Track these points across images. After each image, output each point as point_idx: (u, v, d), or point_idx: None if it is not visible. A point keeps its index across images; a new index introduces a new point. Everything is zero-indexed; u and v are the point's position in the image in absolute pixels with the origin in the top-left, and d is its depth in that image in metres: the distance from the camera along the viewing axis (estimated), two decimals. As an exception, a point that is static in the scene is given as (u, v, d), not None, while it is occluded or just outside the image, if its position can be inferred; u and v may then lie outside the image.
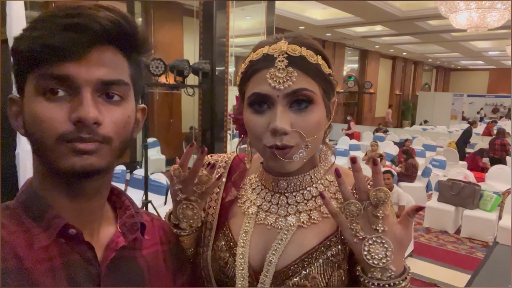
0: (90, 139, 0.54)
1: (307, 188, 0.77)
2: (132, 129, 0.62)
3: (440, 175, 6.76)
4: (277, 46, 0.69)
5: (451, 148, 8.86)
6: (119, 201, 0.72)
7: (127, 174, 5.49)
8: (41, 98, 0.54)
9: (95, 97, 0.55)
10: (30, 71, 0.55)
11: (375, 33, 12.14)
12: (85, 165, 0.54)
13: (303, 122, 0.67)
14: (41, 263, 0.55)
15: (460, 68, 23.14)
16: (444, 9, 6.82)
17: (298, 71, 0.67)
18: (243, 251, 0.74)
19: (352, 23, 10.28)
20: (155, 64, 3.72)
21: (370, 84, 10.74)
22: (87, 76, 0.54)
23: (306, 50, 0.69)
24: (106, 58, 0.56)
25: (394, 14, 8.94)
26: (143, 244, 0.70)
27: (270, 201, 0.78)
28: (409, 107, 18.99)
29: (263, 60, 0.69)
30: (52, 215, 0.58)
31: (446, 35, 11.83)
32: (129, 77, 0.60)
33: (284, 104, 0.67)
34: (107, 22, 0.54)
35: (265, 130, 0.68)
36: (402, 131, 13.40)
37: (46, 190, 0.60)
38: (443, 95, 19.36)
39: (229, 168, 0.87)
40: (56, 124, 0.53)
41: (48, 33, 0.52)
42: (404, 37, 12.50)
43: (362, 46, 14.74)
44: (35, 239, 0.56)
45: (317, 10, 9.53)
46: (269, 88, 0.67)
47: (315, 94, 0.68)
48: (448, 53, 16.41)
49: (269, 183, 0.79)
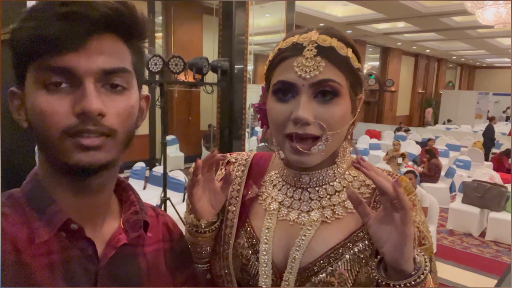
0: (96, 131, 0.52)
1: (330, 182, 0.75)
2: (137, 118, 0.61)
3: (465, 175, 6.57)
4: (308, 35, 0.68)
5: (476, 148, 8.60)
6: (125, 195, 0.70)
7: (147, 171, 5.55)
8: (42, 91, 0.52)
9: (98, 87, 0.53)
10: (29, 63, 0.53)
11: (397, 29, 11.89)
12: (91, 161, 0.53)
13: (326, 114, 0.66)
14: (40, 257, 0.55)
15: (486, 65, 22.43)
16: (470, 4, 6.62)
17: (326, 62, 0.66)
18: (266, 247, 0.73)
19: (373, 19, 10.09)
20: (175, 61, 3.72)
21: (392, 82, 10.49)
22: (88, 66, 0.52)
23: (337, 41, 0.68)
24: (106, 46, 0.53)
25: (417, 10, 8.72)
26: (146, 241, 0.69)
27: (292, 196, 0.76)
28: (432, 106, 18.57)
29: (292, 48, 0.68)
30: (55, 210, 0.57)
31: (472, 32, 11.48)
32: (131, 65, 0.58)
33: (309, 94, 0.66)
34: (106, 9, 0.52)
35: (287, 118, 0.67)
36: (425, 130, 13.10)
37: (50, 183, 0.59)
38: (467, 93, 18.84)
39: (249, 165, 0.86)
40: (59, 118, 0.52)
41: (44, 23, 0.50)
42: (428, 33, 12.21)
43: (384, 43, 14.47)
44: (36, 233, 0.55)
45: (338, 7, 9.40)
46: (295, 76, 0.66)
47: (341, 86, 0.67)
48: (473, 50, 15.92)
49: (290, 178, 0.78)
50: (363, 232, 0.71)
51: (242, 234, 0.78)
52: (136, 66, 0.59)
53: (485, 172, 5.88)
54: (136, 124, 0.61)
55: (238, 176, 0.84)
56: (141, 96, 0.63)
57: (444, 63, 19.78)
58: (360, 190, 0.75)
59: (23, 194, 0.59)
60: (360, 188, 0.76)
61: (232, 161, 0.87)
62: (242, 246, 0.76)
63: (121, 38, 0.56)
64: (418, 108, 18.22)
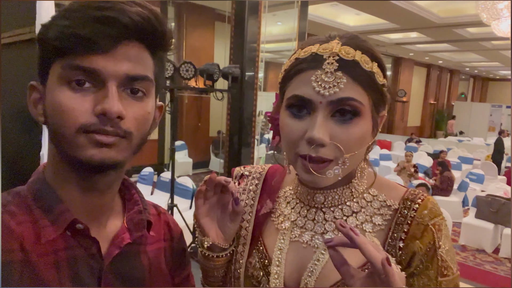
0: (112, 132, 0.54)
1: (346, 203, 0.69)
2: (150, 126, 0.62)
3: (478, 189, 6.43)
4: (329, 46, 0.61)
5: (489, 161, 8.43)
6: (128, 194, 0.71)
7: (155, 176, 5.53)
8: (65, 88, 0.54)
9: (119, 91, 0.55)
10: (56, 60, 0.54)
11: (410, 40, 11.79)
12: (104, 157, 0.54)
13: (344, 135, 0.60)
14: (45, 255, 0.56)
15: (499, 78, 22.14)
16: (485, 16, 6.51)
17: (348, 78, 0.59)
18: (278, 270, 0.68)
19: (386, 29, 10.02)
20: (186, 67, 3.71)
21: (404, 92, 10.42)
22: (113, 70, 0.54)
23: (361, 54, 0.61)
24: (132, 53, 0.56)
25: (431, 20, 8.63)
26: (148, 240, 0.70)
27: (306, 216, 0.71)
28: (443, 117, 18.34)
29: (311, 60, 0.61)
30: (61, 209, 0.58)
31: (486, 43, 11.33)
32: (153, 74, 0.60)
33: (326, 113, 0.60)
34: (138, 17, 0.54)
35: (300, 137, 0.61)
36: (436, 142, 12.92)
37: (58, 181, 0.60)
38: (480, 105, 18.56)
39: (263, 179, 0.81)
40: (78, 115, 0.53)
41: (79, 24, 0.52)
42: (441, 44, 12.08)
43: (396, 53, 14.36)
44: (42, 232, 0.56)
45: (350, 16, 9.36)
46: (312, 92, 0.60)
47: (363, 105, 0.60)
48: (487, 62, 15.72)
49: (304, 196, 0.72)
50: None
51: (255, 254, 0.73)
52: (157, 76, 0.61)
53: (499, 186, 5.74)
54: (149, 131, 0.62)
55: (252, 190, 0.80)
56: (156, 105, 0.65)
57: (457, 74, 19.57)
58: (380, 211, 0.69)
59: (30, 193, 0.60)
60: (380, 209, 0.69)
61: (246, 175, 0.83)
62: (254, 267, 0.72)
63: (147, 47, 0.58)
64: (429, 119, 18.01)
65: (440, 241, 0.64)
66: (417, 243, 0.64)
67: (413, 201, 0.66)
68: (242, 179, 0.83)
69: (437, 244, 0.64)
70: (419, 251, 0.64)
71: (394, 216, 0.67)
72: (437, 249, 0.64)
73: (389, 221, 0.68)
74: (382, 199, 0.70)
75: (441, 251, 0.64)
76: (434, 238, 0.64)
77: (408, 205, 0.66)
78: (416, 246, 0.64)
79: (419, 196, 0.67)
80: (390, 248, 0.66)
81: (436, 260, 0.64)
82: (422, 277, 0.64)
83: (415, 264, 0.64)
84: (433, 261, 0.64)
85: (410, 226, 0.65)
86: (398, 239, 0.65)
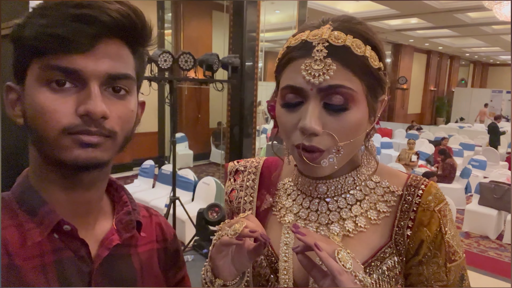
0: (97, 132, 0.53)
1: (350, 191, 0.69)
2: (134, 123, 0.61)
3: (480, 176, 6.41)
4: (319, 32, 0.60)
5: (491, 147, 8.40)
6: (117, 196, 0.70)
7: (156, 169, 5.51)
8: (45, 89, 0.52)
9: (101, 90, 0.54)
10: (33, 60, 0.53)
11: (410, 26, 11.67)
12: (88, 157, 0.53)
13: (336, 123, 0.59)
14: (33, 258, 0.55)
15: (499, 63, 22.01)
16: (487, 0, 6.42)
17: (338, 64, 0.57)
18: (286, 265, 0.67)
19: (386, 15, 9.91)
20: (185, 58, 3.64)
21: (405, 79, 10.34)
22: (94, 69, 0.53)
23: (353, 38, 0.59)
24: (113, 51, 0.55)
25: (431, 5, 8.52)
26: (139, 241, 0.69)
27: (309, 207, 0.70)
28: (444, 104, 18.28)
29: (301, 48, 0.60)
30: (47, 210, 0.57)
31: (487, 28, 11.22)
32: (134, 70, 0.59)
33: (317, 101, 0.59)
34: (117, 15, 0.53)
35: (294, 127, 0.60)
36: (437, 129, 12.89)
37: (42, 182, 0.59)
38: (480, 91, 18.49)
39: (259, 173, 0.78)
40: (61, 116, 0.52)
41: (57, 22, 0.50)
42: (441, 30, 11.96)
43: (396, 40, 14.25)
44: (28, 234, 0.56)
45: (350, 2, 9.25)
46: (302, 81, 0.59)
47: (354, 92, 0.58)
48: (487, 47, 15.60)
49: (306, 187, 0.71)
50: (391, 247, 0.65)
51: None
52: (138, 72, 0.60)
53: (502, 172, 5.73)
54: (133, 129, 0.61)
55: (250, 186, 0.77)
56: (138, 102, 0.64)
57: (457, 60, 19.45)
58: (384, 198, 0.68)
59: (14, 197, 0.59)
60: (384, 196, 0.68)
61: (241, 170, 0.79)
62: (260, 265, 0.71)
63: (127, 44, 0.57)
64: (430, 106, 17.95)
65: (446, 227, 0.65)
66: (425, 231, 0.64)
67: (416, 187, 0.66)
68: (237, 174, 0.80)
69: (443, 230, 0.64)
70: (427, 239, 0.64)
71: (399, 203, 0.67)
72: (443, 235, 0.64)
73: (394, 208, 0.67)
74: (385, 185, 0.69)
75: (448, 237, 0.65)
76: (440, 225, 0.64)
77: (412, 192, 0.66)
78: (424, 234, 0.64)
79: (422, 181, 0.67)
80: (398, 237, 0.65)
81: (444, 246, 0.64)
82: (431, 265, 0.64)
83: (423, 252, 0.64)
84: (441, 248, 0.64)
85: (417, 213, 0.64)
86: (406, 227, 0.65)
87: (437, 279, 0.64)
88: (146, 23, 0.57)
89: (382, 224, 0.66)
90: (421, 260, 0.64)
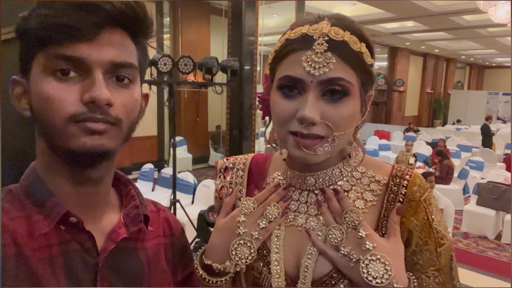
0: (102, 120, 0.54)
1: (337, 182, 0.71)
2: (138, 114, 0.62)
3: (478, 177, 6.45)
4: (319, 26, 0.62)
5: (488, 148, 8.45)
6: (125, 190, 0.71)
7: (155, 172, 5.52)
8: (50, 78, 0.53)
9: (105, 78, 0.55)
10: (39, 51, 0.54)
11: (407, 29, 11.74)
12: (96, 144, 0.54)
13: (334, 114, 0.62)
14: (40, 250, 0.55)
15: (495, 65, 22.14)
16: (482, 2, 6.48)
17: (337, 58, 0.60)
18: (277, 257, 0.69)
19: (382, 19, 9.98)
20: (184, 61, 3.67)
21: (402, 82, 10.37)
22: (98, 58, 0.54)
23: (350, 35, 0.62)
24: (116, 40, 0.55)
25: (427, 9, 8.59)
26: (146, 235, 0.69)
27: (298, 199, 0.72)
28: (440, 106, 18.35)
29: (301, 41, 0.62)
30: (54, 203, 0.57)
31: (482, 31, 11.31)
32: (137, 60, 0.60)
33: (316, 92, 0.61)
34: (120, 4, 0.54)
35: (292, 116, 0.62)
36: (434, 131, 12.94)
37: (49, 175, 0.59)
38: (477, 93, 18.60)
39: (248, 169, 0.81)
40: (67, 105, 0.53)
41: (61, 12, 0.51)
42: (437, 33, 12.04)
43: (392, 43, 14.33)
44: (35, 226, 0.56)
45: (346, 6, 9.31)
46: (303, 72, 0.61)
47: (352, 85, 0.62)
48: (483, 50, 15.69)
49: (295, 180, 0.73)
50: (381, 233, 0.67)
51: None
52: (140, 62, 0.61)
53: (499, 173, 5.76)
54: (137, 119, 0.62)
55: (239, 182, 0.79)
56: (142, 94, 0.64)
57: (453, 63, 19.55)
58: (370, 187, 0.70)
59: (22, 189, 0.60)
60: (370, 185, 0.71)
61: (230, 167, 0.82)
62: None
63: (129, 34, 0.58)
64: (427, 108, 18.02)
65: (432, 215, 0.68)
66: (413, 221, 0.66)
67: (401, 177, 0.69)
68: (226, 172, 0.82)
69: (430, 219, 0.67)
70: (416, 228, 0.66)
71: (385, 193, 0.69)
72: (431, 223, 0.67)
73: (380, 197, 0.69)
74: (370, 175, 0.72)
75: (435, 224, 0.68)
76: (426, 213, 0.67)
77: (398, 182, 0.68)
78: (411, 224, 0.66)
79: (406, 172, 0.69)
80: (384, 226, 0.68)
81: (433, 233, 0.67)
82: (424, 253, 0.67)
83: (414, 242, 0.67)
84: (430, 235, 0.67)
85: (403, 203, 0.67)
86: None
87: (430, 265, 0.67)
88: (147, 14, 0.58)
89: (369, 213, 0.68)
90: (414, 249, 0.67)
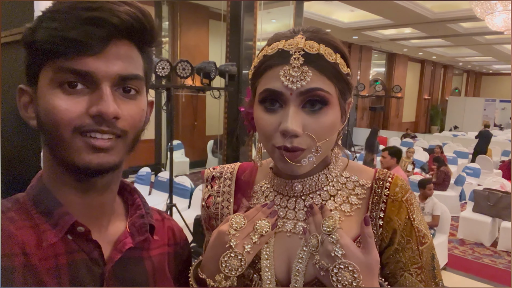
0: (108, 132, 0.54)
1: (324, 188, 0.73)
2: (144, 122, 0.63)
3: (474, 183, 6.46)
4: (294, 41, 0.64)
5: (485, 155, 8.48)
6: (131, 199, 0.71)
7: (152, 176, 5.50)
8: (58, 90, 0.53)
9: (112, 91, 0.55)
10: (46, 63, 0.54)
11: (404, 35, 11.81)
12: (101, 162, 0.55)
13: (315, 124, 0.64)
14: (46, 260, 0.55)
15: (492, 72, 22.28)
16: (479, 10, 6.53)
17: (314, 70, 0.63)
18: (267, 263, 0.70)
19: (380, 25, 10.04)
20: (182, 66, 3.68)
21: (399, 88, 10.45)
22: (106, 71, 0.54)
23: (325, 47, 0.64)
24: (123, 52, 0.56)
25: (425, 16, 8.66)
26: (151, 244, 0.69)
27: (286, 206, 0.74)
28: (438, 112, 18.43)
29: (278, 56, 0.64)
30: (61, 212, 0.57)
31: (480, 38, 11.39)
32: (143, 71, 0.60)
33: (297, 104, 0.63)
34: (127, 16, 0.54)
35: (275, 130, 0.64)
36: (431, 137, 12.97)
37: (56, 185, 0.60)
38: (474, 100, 18.66)
39: (235, 179, 0.82)
40: (73, 117, 0.53)
41: (68, 26, 0.51)
42: (435, 40, 12.13)
43: (390, 49, 14.42)
44: (43, 236, 0.56)
45: (345, 12, 9.37)
46: (281, 86, 0.63)
47: (330, 95, 0.64)
48: (480, 57, 15.80)
49: (282, 187, 0.75)
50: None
51: None
52: (146, 72, 0.61)
53: (495, 180, 5.78)
54: (143, 128, 0.63)
55: (226, 191, 0.80)
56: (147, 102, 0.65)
57: (450, 69, 19.67)
58: (355, 191, 0.73)
59: (29, 198, 0.60)
60: (355, 189, 0.73)
61: (217, 176, 0.83)
62: None
63: (136, 45, 0.58)
64: (424, 115, 18.09)
65: (414, 214, 0.70)
66: (396, 220, 0.69)
67: (384, 180, 0.72)
68: (213, 181, 0.82)
69: (411, 218, 0.70)
70: (399, 227, 0.69)
71: (370, 196, 0.72)
72: (412, 222, 0.70)
73: (364, 200, 0.72)
74: (354, 179, 0.74)
75: (416, 223, 0.70)
76: (408, 213, 0.70)
77: (381, 184, 0.72)
78: (395, 223, 0.69)
79: (388, 175, 0.73)
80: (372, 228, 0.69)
81: (414, 232, 0.70)
82: (406, 251, 0.69)
83: (397, 240, 0.69)
84: (411, 234, 0.70)
85: (387, 204, 0.70)
86: (378, 218, 0.70)
87: (413, 263, 0.69)
88: (154, 24, 0.59)
89: (355, 215, 0.71)
90: (397, 248, 0.69)
